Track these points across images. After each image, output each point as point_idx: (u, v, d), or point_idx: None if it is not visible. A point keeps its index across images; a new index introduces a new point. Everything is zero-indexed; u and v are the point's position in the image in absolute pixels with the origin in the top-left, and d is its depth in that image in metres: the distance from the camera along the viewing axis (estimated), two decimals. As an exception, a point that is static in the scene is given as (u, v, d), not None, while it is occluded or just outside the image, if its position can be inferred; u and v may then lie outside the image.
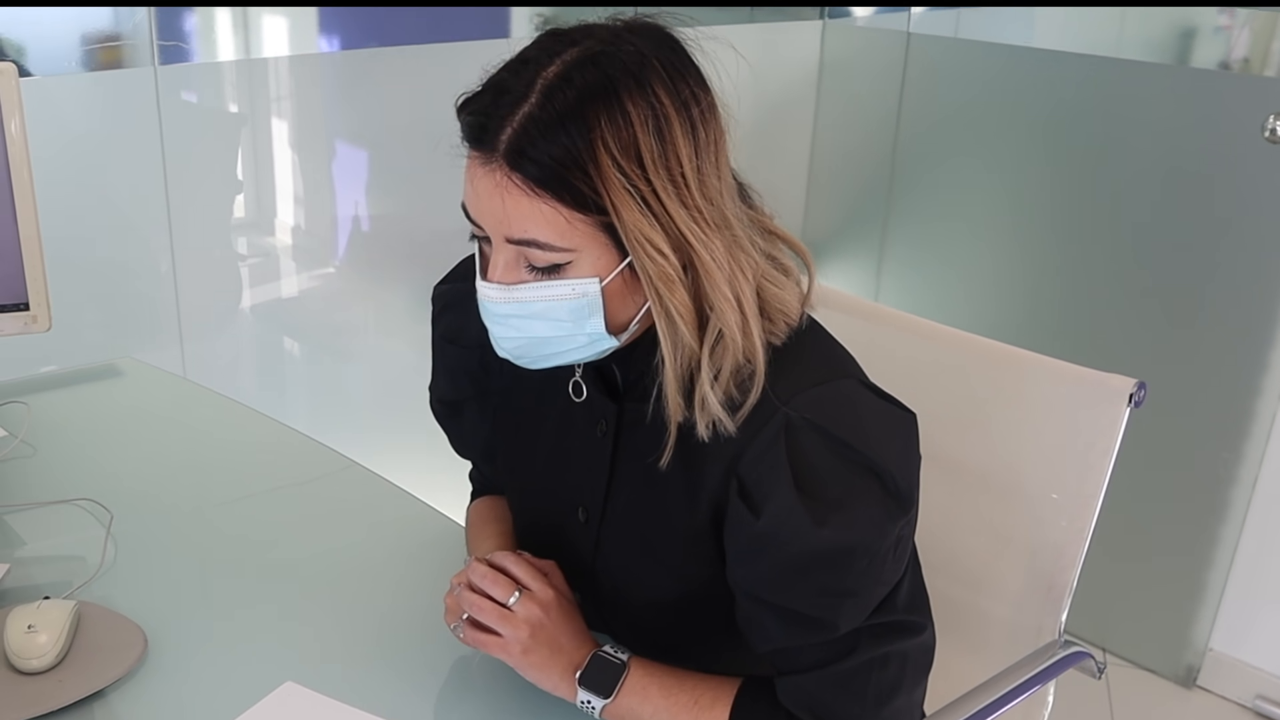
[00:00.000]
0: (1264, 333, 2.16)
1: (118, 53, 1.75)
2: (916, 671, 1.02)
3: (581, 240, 0.90)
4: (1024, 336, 1.40)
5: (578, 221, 0.89)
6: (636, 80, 0.88)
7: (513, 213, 0.89)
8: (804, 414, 0.93)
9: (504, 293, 0.93)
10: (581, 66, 0.88)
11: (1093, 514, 1.27)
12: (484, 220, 0.92)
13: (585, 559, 1.09)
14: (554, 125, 0.87)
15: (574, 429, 1.08)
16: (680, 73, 0.91)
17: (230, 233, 2.00)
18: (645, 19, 0.94)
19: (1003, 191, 2.49)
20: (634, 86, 0.88)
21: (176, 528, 1.29)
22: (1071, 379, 1.28)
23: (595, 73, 0.88)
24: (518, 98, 0.88)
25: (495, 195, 0.89)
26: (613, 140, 0.87)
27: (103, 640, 1.06)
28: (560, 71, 0.88)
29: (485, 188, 0.90)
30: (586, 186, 0.87)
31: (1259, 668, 2.34)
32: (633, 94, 0.88)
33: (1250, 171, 2.10)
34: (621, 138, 0.87)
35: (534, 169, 0.87)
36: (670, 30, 0.94)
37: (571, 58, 0.89)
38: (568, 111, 0.87)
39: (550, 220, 0.89)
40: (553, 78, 0.88)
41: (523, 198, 0.88)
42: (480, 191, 0.91)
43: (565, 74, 0.88)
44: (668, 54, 0.91)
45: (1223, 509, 2.29)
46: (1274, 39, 2.05)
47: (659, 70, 0.89)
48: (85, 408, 1.58)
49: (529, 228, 0.89)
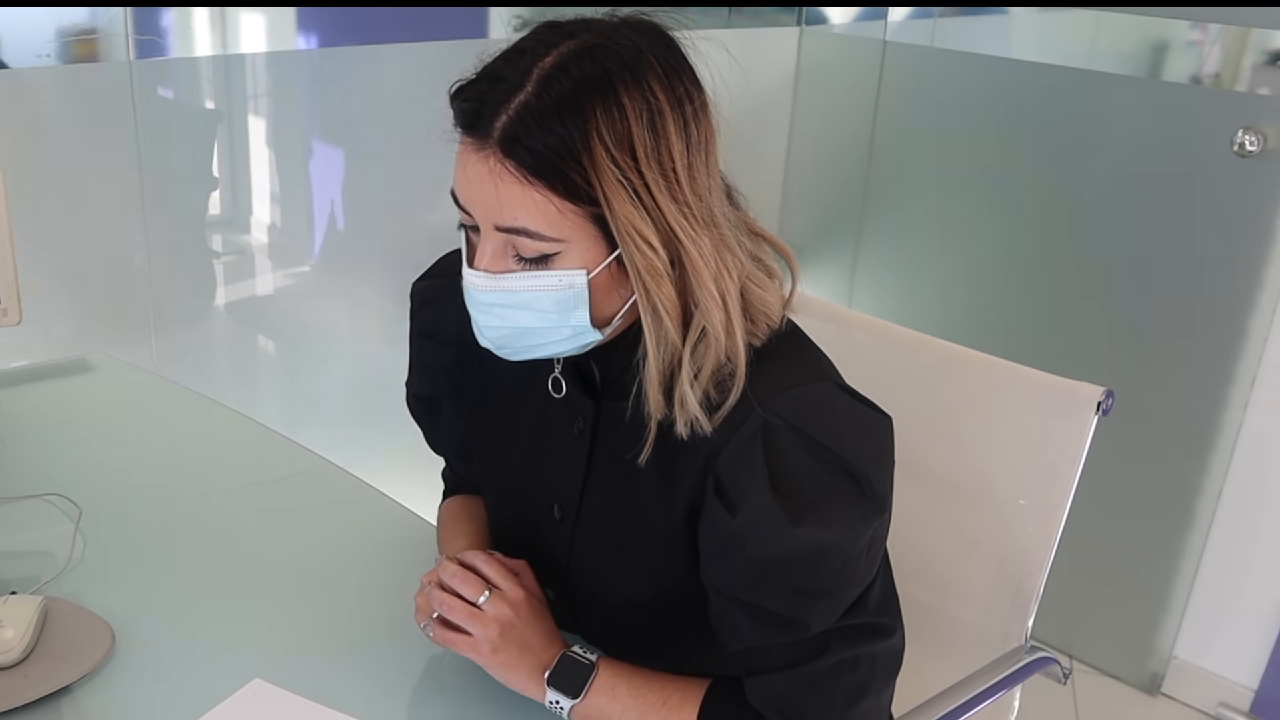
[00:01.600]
0: (1231, 344, 2.18)
1: (93, 46, 1.74)
2: (885, 674, 1.03)
3: (571, 231, 0.90)
4: (995, 343, 1.41)
5: (569, 211, 0.89)
6: (633, 74, 0.89)
7: (505, 200, 0.89)
8: (781, 414, 0.94)
9: (491, 281, 0.93)
10: (578, 58, 0.89)
11: (1060, 521, 1.28)
12: (474, 207, 0.92)
13: (560, 556, 1.09)
14: (549, 114, 0.87)
15: (551, 426, 1.08)
16: (675, 70, 0.92)
17: (205, 229, 2.00)
18: (642, 16, 0.94)
19: (976, 199, 2.51)
20: (630, 80, 0.88)
21: (146, 524, 1.28)
22: (1041, 386, 1.30)
23: (592, 65, 0.88)
24: (514, 86, 0.88)
25: (488, 182, 0.89)
26: (607, 132, 0.87)
27: (70, 636, 1.05)
28: (557, 62, 0.88)
29: (478, 174, 0.90)
30: (579, 176, 0.88)
31: (1222, 675, 2.37)
32: (629, 87, 0.88)
33: (1219, 184, 2.13)
34: (616, 130, 0.87)
35: (528, 157, 0.88)
36: (666, 29, 0.94)
37: (569, 49, 0.89)
38: (563, 101, 0.87)
39: (541, 209, 0.89)
40: (549, 68, 0.88)
41: (515, 185, 0.88)
42: (472, 178, 0.91)
43: (562, 64, 0.88)
44: (664, 51, 0.92)
45: (1188, 518, 2.31)
46: (1244, 54, 2.08)
47: (655, 66, 0.90)
48: (56, 402, 1.57)
49: (519, 216, 0.90)
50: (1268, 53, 2.04)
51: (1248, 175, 2.09)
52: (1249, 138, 2.06)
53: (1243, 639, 2.33)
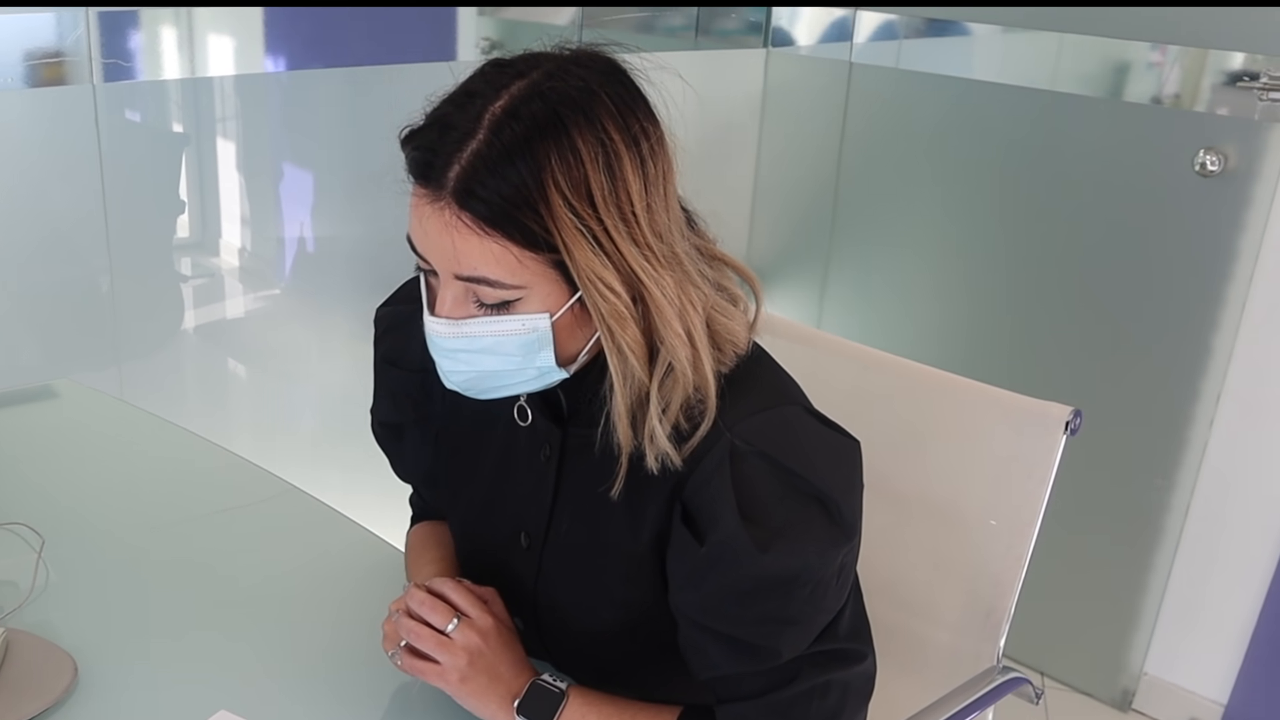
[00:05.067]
0: (1195, 362, 2.21)
1: (59, 69, 1.73)
2: (857, 700, 1.02)
3: (532, 277, 0.89)
4: (963, 364, 1.42)
5: (528, 260, 0.88)
6: (585, 115, 0.87)
7: (462, 251, 0.88)
8: (749, 441, 0.93)
9: (453, 328, 0.92)
10: (529, 100, 0.87)
11: (1030, 540, 1.29)
12: (432, 257, 0.91)
13: (527, 584, 1.08)
14: (502, 162, 0.86)
15: (517, 454, 1.08)
16: (629, 106, 0.90)
17: (173, 253, 1.98)
18: (592, 48, 0.93)
19: (943, 219, 2.53)
20: (583, 122, 0.87)
21: (110, 553, 1.27)
22: (1010, 407, 1.30)
23: (543, 107, 0.87)
24: (464, 134, 0.87)
25: (444, 234, 0.88)
26: (564, 178, 0.86)
27: (32, 668, 1.04)
28: (507, 106, 0.87)
29: (434, 227, 0.89)
30: (537, 225, 0.87)
31: (1192, 691, 2.38)
32: (582, 130, 0.87)
33: (1181, 204, 2.16)
34: (572, 175, 0.86)
35: (483, 208, 0.86)
36: (617, 60, 0.93)
37: (518, 91, 0.88)
38: (516, 148, 0.86)
39: (500, 259, 0.88)
40: (500, 113, 0.87)
41: (472, 236, 0.87)
42: (429, 230, 0.89)
43: (512, 109, 0.87)
44: (616, 87, 0.90)
45: (1156, 535, 2.33)
46: (1203, 75, 2.11)
47: (608, 104, 0.89)
48: (20, 429, 1.55)
49: (479, 266, 0.89)
50: (1226, 73, 2.07)
51: (1209, 194, 2.12)
52: (1210, 157, 2.09)
53: (1212, 654, 2.34)
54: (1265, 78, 2.02)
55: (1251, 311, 2.14)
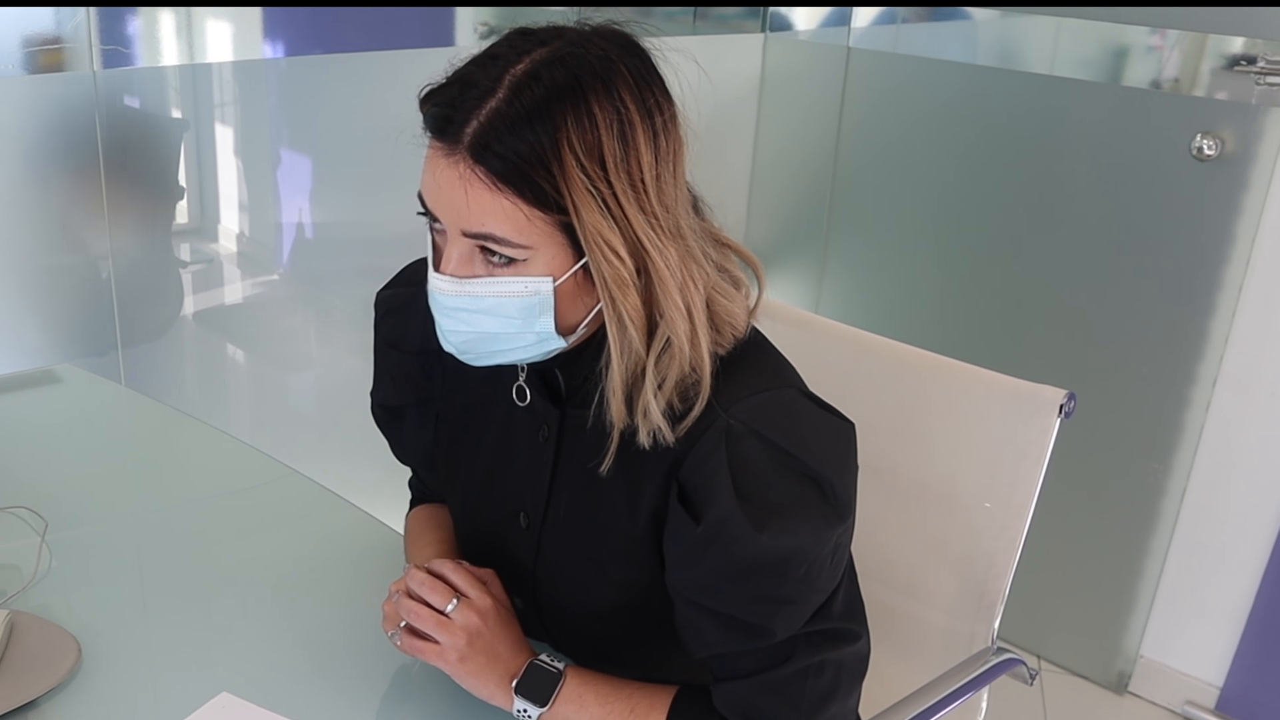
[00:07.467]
0: (1192, 346, 2.21)
1: (59, 56, 1.73)
2: (851, 679, 1.03)
3: (539, 238, 0.90)
4: (959, 347, 1.42)
5: (537, 219, 0.89)
6: (604, 84, 0.89)
7: (473, 206, 0.89)
8: (745, 421, 0.94)
9: (456, 285, 0.93)
10: (550, 65, 0.89)
11: (1025, 523, 1.29)
12: (442, 212, 0.92)
13: (526, 565, 1.09)
14: (520, 121, 0.87)
15: (516, 435, 1.08)
16: (646, 81, 0.92)
17: (172, 239, 1.99)
18: (614, 24, 0.95)
19: (940, 204, 2.53)
20: (601, 90, 0.89)
21: (112, 536, 1.28)
22: (1005, 390, 1.31)
23: (563, 73, 0.88)
24: (485, 92, 0.88)
25: (457, 187, 0.89)
26: (578, 141, 0.88)
27: (36, 650, 1.05)
28: (529, 69, 0.89)
29: (447, 179, 0.90)
30: (549, 185, 0.88)
31: (1188, 674, 2.40)
32: (599, 97, 0.89)
33: (1179, 188, 2.16)
34: (586, 139, 0.88)
35: (498, 164, 0.88)
36: (637, 39, 0.95)
37: (540, 57, 0.89)
38: (535, 109, 0.87)
39: (510, 216, 0.89)
40: (521, 75, 0.88)
41: (484, 191, 0.89)
42: (441, 183, 0.91)
43: (534, 71, 0.88)
44: (635, 61, 0.92)
45: (1152, 519, 2.34)
46: (1202, 59, 2.11)
47: (626, 76, 0.90)
48: (21, 415, 1.55)
49: (487, 222, 0.90)
50: (1225, 57, 2.08)
51: (1207, 179, 2.12)
52: (1207, 142, 2.09)
53: (1208, 637, 2.36)
54: (1263, 62, 2.02)
55: (1248, 295, 2.15)
